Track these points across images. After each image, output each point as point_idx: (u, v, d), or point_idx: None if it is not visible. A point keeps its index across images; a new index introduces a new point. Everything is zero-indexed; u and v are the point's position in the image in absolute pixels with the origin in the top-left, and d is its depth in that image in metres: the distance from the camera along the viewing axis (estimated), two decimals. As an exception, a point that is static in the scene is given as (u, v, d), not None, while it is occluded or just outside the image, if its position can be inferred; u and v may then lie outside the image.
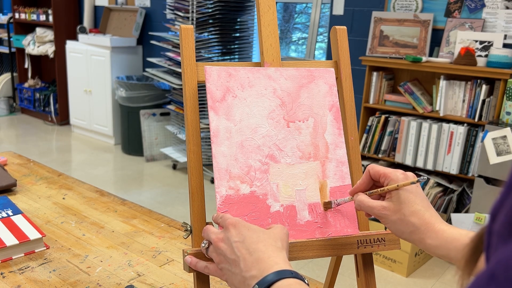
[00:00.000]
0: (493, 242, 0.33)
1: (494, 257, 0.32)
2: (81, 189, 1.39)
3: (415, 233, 0.66)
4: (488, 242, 0.34)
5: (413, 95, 2.98)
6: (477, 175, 2.60)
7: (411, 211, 0.66)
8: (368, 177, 0.71)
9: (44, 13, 5.17)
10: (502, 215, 0.33)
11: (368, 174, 0.71)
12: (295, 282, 0.56)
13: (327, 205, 0.76)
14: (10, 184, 1.33)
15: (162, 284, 0.94)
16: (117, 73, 4.64)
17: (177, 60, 3.88)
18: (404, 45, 3.12)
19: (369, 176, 0.71)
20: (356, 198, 0.71)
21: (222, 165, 0.72)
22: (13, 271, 0.95)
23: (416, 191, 0.67)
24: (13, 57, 5.79)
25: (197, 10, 3.67)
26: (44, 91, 5.44)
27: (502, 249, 0.32)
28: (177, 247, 1.09)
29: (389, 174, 0.69)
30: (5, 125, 5.41)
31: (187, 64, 0.75)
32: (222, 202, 0.71)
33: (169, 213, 3.22)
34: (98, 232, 1.14)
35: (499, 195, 0.35)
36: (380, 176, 0.70)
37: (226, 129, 0.74)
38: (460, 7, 2.97)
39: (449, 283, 2.54)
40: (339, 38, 0.85)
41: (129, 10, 4.84)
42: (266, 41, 0.80)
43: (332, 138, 0.79)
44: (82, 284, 0.92)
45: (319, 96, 0.80)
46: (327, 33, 4.01)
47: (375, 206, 0.69)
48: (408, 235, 0.67)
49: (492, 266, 0.32)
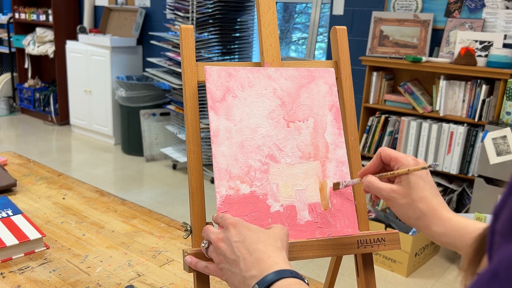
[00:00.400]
0: (496, 241, 0.33)
1: (496, 256, 0.32)
2: (81, 189, 1.39)
3: (422, 219, 0.66)
4: (491, 242, 0.34)
5: (413, 95, 2.98)
6: (477, 175, 2.60)
7: (420, 197, 0.66)
8: (378, 159, 0.71)
9: (44, 13, 5.17)
10: (504, 214, 0.33)
11: (379, 156, 0.71)
12: (295, 281, 0.56)
13: (336, 186, 0.76)
14: (10, 184, 1.33)
15: (162, 284, 0.94)
16: (117, 73, 4.64)
17: (177, 60, 3.88)
18: (404, 45, 3.12)
19: (380, 159, 0.71)
20: (365, 180, 0.71)
21: (222, 165, 0.72)
22: (13, 271, 0.95)
23: (426, 177, 0.67)
24: (13, 57, 5.79)
25: (197, 10, 3.67)
26: (44, 91, 5.44)
27: (504, 248, 0.32)
28: (177, 247, 1.09)
29: (400, 159, 0.69)
30: (5, 125, 5.41)
31: (187, 64, 0.75)
32: (222, 202, 0.71)
33: (169, 213, 3.22)
34: (98, 232, 1.14)
35: (502, 195, 0.35)
36: (391, 159, 0.70)
37: (226, 129, 0.74)
38: (460, 7, 2.97)
39: (449, 283, 2.54)
40: (339, 38, 0.85)
41: (129, 10, 4.84)
42: (266, 41, 0.80)
43: (332, 138, 0.79)
44: (82, 284, 0.92)
45: (319, 96, 0.80)
46: (327, 33, 4.01)
47: (384, 188, 0.68)
48: (414, 220, 0.67)
49: (495, 265, 0.32)
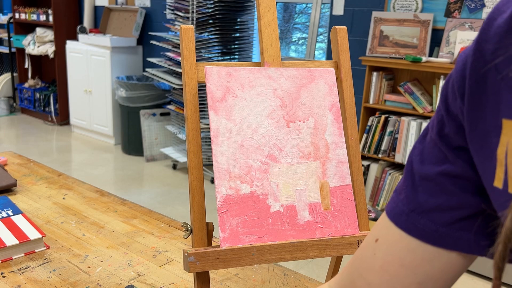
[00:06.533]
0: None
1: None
2: (81, 189, 1.39)
3: None
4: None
5: (413, 95, 2.98)
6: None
7: None
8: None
9: (44, 13, 5.17)
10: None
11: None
12: None
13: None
14: (10, 184, 1.33)
15: (162, 284, 0.94)
16: (117, 73, 4.64)
17: (177, 60, 3.88)
18: (404, 45, 3.12)
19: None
20: None
21: (222, 165, 0.72)
22: (13, 271, 0.95)
23: None
24: (13, 57, 5.79)
25: (197, 10, 3.67)
26: (44, 91, 5.44)
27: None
28: (177, 247, 1.09)
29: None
30: (5, 125, 5.41)
31: (187, 64, 0.75)
32: (222, 202, 0.71)
33: (169, 213, 3.22)
34: (98, 232, 1.14)
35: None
36: None
37: (226, 129, 0.74)
38: (460, 7, 2.97)
39: (449, 283, 2.54)
40: (339, 38, 0.85)
41: (129, 10, 4.84)
42: (266, 41, 0.80)
43: (332, 138, 0.79)
44: (82, 284, 0.92)
45: (319, 96, 0.80)
46: (327, 33, 4.01)
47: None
48: None
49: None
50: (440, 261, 0.45)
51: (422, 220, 0.44)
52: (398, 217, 0.46)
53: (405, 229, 0.45)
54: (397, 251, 0.46)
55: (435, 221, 0.43)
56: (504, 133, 0.36)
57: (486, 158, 0.38)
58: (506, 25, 0.35)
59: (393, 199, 0.48)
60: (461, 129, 0.41)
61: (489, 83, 0.37)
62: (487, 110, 0.37)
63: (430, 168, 0.44)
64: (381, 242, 0.48)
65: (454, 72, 0.41)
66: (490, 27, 0.37)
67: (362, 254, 0.50)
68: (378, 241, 0.48)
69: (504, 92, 0.35)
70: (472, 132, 0.39)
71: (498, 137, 0.36)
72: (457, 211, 0.43)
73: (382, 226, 0.48)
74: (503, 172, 0.36)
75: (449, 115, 0.42)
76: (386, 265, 0.47)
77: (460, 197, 0.42)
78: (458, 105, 0.40)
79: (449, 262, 0.45)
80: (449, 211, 0.43)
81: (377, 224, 0.50)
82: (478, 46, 0.37)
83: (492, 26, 0.37)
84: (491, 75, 0.36)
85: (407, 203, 0.45)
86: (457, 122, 0.41)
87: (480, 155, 0.39)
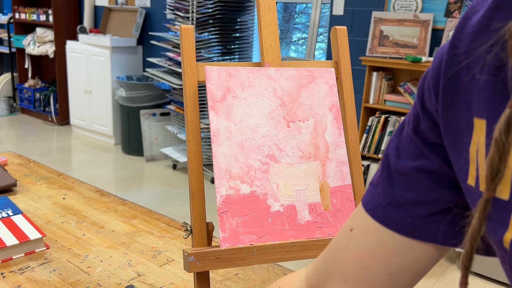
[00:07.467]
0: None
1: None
2: (81, 189, 1.39)
3: None
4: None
5: (413, 95, 2.98)
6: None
7: None
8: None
9: (44, 13, 5.17)
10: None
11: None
12: None
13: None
14: (10, 184, 1.33)
15: (162, 284, 0.94)
16: (117, 73, 4.64)
17: (177, 60, 3.88)
18: (404, 45, 3.12)
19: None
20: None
21: (222, 165, 0.72)
22: (13, 271, 0.95)
23: None
24: (13, 57, 5.79)
25: (197, 10, 3.67)
26: (44, 91, 5.44)
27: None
28: (177, 247, 1.09)
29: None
30: (5, 125, 5.41)
31: (187, 64, 0.75)
32: (222, 202, 0.71)
33: (169, 213, 3.22)
34: (98, 232, 1.14)
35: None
36: None
37: (226, 129, 0.74)
38: (460, 7, 2.97)
39: (449, 283, 2.54)
40: (339, 38, 0.85)
41: (129, 10, 4.84)
42: (266, 41, 0.80)
43: (332, 138, 0.79)
44: (82, 284, 0.92)
45: (319, 96, 0.80)
46: (327, 33, 4.01)
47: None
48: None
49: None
50: (412, 253, 0.45)
51: (399, 213, 0.45)
52: (375, 210, 0.47)
53: (382, 222, 0.46)
54: (370, 242, 0.47)
55: (411, 214, 0.44)
56: (475, 132, 0.36)
57: (460, 157, 0.38)
58: (479, 24, 0.35)
59: (370, 192, 0.48)
60: (436, 126, 0.41)
61: (461, 83, 0.37)
62: (460, 110, 0.38)
63: (406, 163, 0.44)
64: (355, 232, 0.49)
65: (430, 69, 0.41)
66: (465, 26, 0.37)
67: (337, 242, 0.51)
68: (353, 231, 0.49)
69: (475, 91, 0.36)
70: (446, 131, 0.40)
71: (470, 136, 0.37)
72: (433, 205, 0.43)
73: (357, 217, 0.49)
74: (475, 170, 0.37)
75: (424, 112, 0.42)
76: (359, 255, 0.48)
77: (436, 191, 0.43)
78: (433, 103, 0.41)
79: (422, 253, 0.45)
80: (425, 204, 0.43)
81: (353, 214, 0.50)
82: (452, 45, 0.38)
83: (467, 25, 0.37)
84: (463, 75, 0.37)
85: (384, 196, 0.46)
86: (432, 119, 0.42)
87: (455, 153, 0.39)
